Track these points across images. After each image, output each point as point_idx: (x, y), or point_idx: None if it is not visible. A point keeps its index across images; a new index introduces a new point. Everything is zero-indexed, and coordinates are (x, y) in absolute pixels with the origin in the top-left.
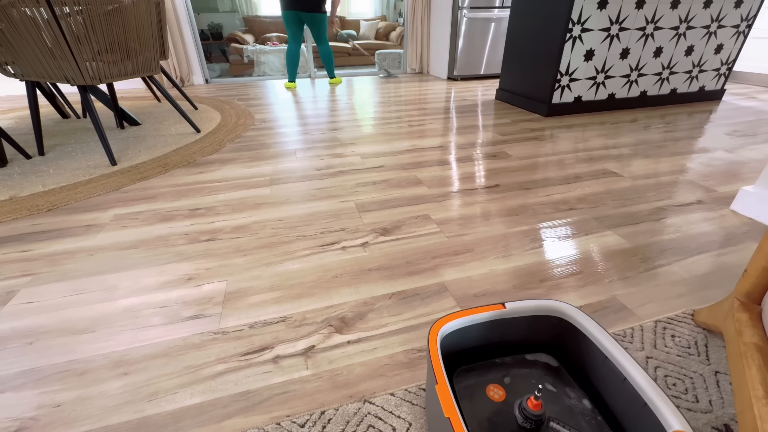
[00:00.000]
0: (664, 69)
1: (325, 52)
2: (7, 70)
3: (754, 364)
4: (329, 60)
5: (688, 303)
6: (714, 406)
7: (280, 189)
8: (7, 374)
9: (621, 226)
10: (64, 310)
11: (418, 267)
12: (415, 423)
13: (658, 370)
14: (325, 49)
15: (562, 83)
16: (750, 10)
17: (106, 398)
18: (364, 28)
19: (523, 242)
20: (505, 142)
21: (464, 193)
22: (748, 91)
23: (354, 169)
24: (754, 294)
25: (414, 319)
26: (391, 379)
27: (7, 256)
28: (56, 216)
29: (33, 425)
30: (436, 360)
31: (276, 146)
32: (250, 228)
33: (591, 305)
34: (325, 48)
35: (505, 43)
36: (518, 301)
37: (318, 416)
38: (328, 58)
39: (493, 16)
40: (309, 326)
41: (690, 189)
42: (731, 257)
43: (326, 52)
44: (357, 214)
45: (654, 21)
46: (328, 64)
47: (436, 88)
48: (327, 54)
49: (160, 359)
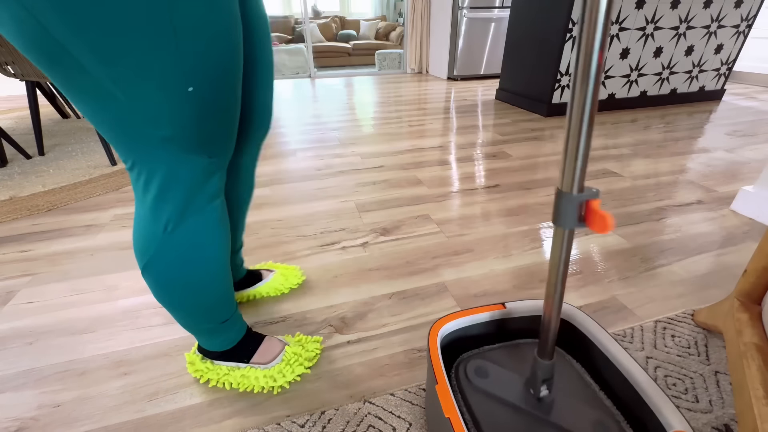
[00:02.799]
0: (664, 69)
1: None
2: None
3: (754, 364)
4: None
5: (688, 303)
6: (714, 406)
7: (280, 189)
8: (7, 374)
9: (621, 226)
10: (64, 310)
11: (418, 267)
12: (415, 423)
13: (658, 370)
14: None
15: (562, 83)
16: (750, 10)
17: (106, 398)
18: (364, 28)
19: (523, 242)
20: (505, 142)
21: (464, 193)
22: (748, 91)
23: (354, 169)
24: (754, 294)
25: (414, 319)
26: (391, 379)
27: (7, 256)
28: (56, 216)
29: (33, 425)
30: (436, 360)
31: (276, 146)
32: (250, 228)
33: (591, 305)
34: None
35: (505, 43)
36: (518, 301)
37: (318, 416)
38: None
39: (493, 16)
40: (309, 326)
41: (690, 189)
42: (731, 257)
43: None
44: (357, 214)
45: (654, 21)
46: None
47: (436, 88)
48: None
49: (160, 359)
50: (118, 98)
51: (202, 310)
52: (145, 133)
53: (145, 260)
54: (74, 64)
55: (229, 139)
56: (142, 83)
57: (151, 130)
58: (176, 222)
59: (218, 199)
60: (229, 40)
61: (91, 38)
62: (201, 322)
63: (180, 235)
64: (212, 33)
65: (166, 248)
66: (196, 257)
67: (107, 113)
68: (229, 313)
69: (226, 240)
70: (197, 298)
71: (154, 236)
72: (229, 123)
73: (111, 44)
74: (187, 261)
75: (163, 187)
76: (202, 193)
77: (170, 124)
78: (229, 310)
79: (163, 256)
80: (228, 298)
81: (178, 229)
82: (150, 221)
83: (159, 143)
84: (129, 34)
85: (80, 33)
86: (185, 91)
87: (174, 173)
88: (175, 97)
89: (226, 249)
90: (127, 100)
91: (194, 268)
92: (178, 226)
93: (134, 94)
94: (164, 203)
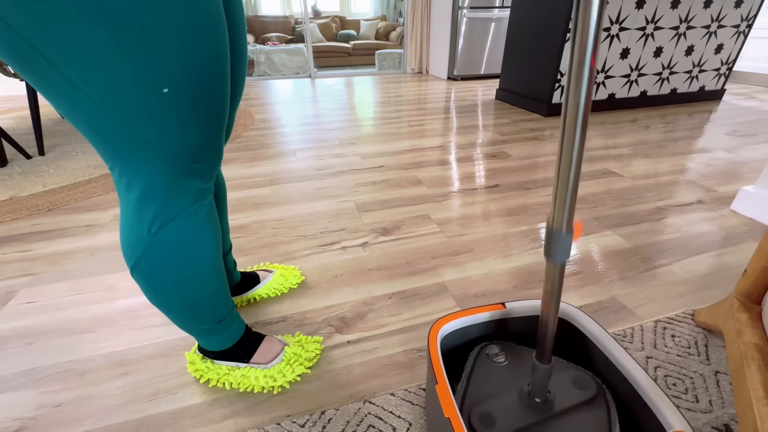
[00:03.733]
0: (664, 69)
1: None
2: (7, 70)
3: (754, 364)
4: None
5: (688, 303)
6: (714, 406)
7: (280, 189)
8: (7, 374)
9: (621, 226)
10: (64, 310)
11: (418, 267)
12: (415, 423)
13: (658, 370)
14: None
15: (562, 83)
16: (750, 10)
17: (106, 398)
18: (364, 28)
19: (523, 242)
20: (505, 142)
21: (464, 193)
22: (748, 91)
23: (354, 169)
24: (754, 294)
25: (414, 319)
26: (391, 379)
27: (7, 256)
28: (56, 216)
29: (33, 425)
30: (436, 360)
31: (276, 146)
32: (250, 228)
33: (591, 305)
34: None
35: (505, 43)
36: (518, 301)
37: (318, 416)
38: None
39: (493, 16)
40: (309, 326)
41: (690, 189)
42: (731, 257)
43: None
44: (357, 214)
45: (654, 21)
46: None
47: (436, 88)
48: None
49: (160, 359)
50: (94, 99)
51: (195, 310)
52: (123, 135)
53: (133, 261)
54: (45, 63)
55: (214, 145)
56: (114, 84)
57: (130, 132)
58: (161, 223)
59: (205, 199)
60: (209, 42)
61: (54, 38)
62: (195, 322)
63: (166, 236)
64: (189, 34)
65: (153, 249)
66: (184, 257)
67: (84, 114)
68: (225, 313)
69: (215, 240)
70: (188, 298)
71: (140, 237)
72: (214, 128)
73: (76, 45)
74: (175, 261)
75: (146, 189)
76: (186, 195)
77: (148, 127)
78: (224, 310)
79: (150, 257)
80: (221, 299)
81: (163, 230)
82: (134, 222)
83: (139, 145)
84: (93, 34)
85: (44, 33)
86: (160, 92)
87: (156, 176)
88: (150, 99)
89: (215, 249)
90: (102, 100)
91: (183, 269)
92: (164, 227)
93: (108, 95)
94: (147, 204)
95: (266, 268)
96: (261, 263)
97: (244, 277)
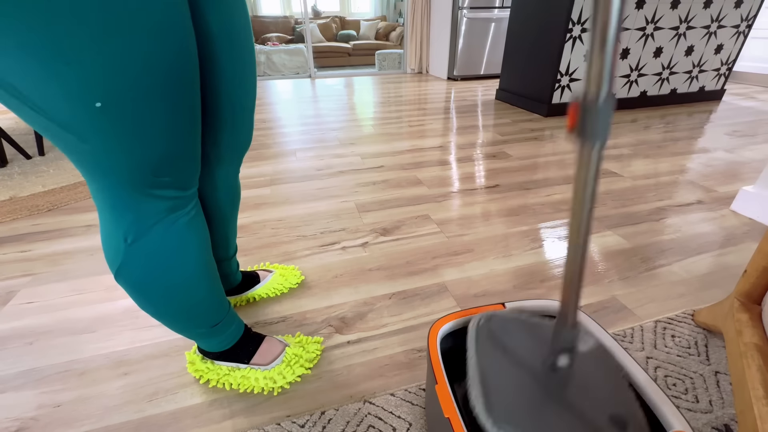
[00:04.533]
0: (664, 69)
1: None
2: None
3: (754, 364)
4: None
5: (688, 303)
6: (714, 406)
7: (280, 189)
8: (7, 374)
9: (621, 226)
10: (64, 310)
11: (418, 267)
12: (415, 423)
13: (658, 370)
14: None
15: (562, 83)
16: (750, 10)
17: (107, 398)
18: (364, 28)
19: (523, 242)
20: (505, 142)
21: (464, 193)
22: (748, 91)
23: (354, 169)
24: (754, 294)
25: (414, 319)
26: (391, 379)
27: (7, 256)
28: (56, 216)
29: (33, 425)
30: (435, 360)
31: (276, 146)
32: (250, 228)
33: (591, 305)
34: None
35: (505, 43)
36: (518, 301)
37: (318, 416)
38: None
39: (493, 16)
40: (309, 326)
41: (690, 189)
42: (731, 257)
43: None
44: (357, 214)
45: (654, 21)
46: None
47: (436, 88)
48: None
49: (160, 359)
50: (34, 101)
51: (187, 316)
52: (78, 147)
53: (115, 268)
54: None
55: (184, 158)
56: (44, 90)
57: (81, 146)
58: (136, 234)
59: (184, 208)
60: (145, 54)
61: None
62: (189, 327)
63: (144, 246)
64: (123, 45)
65: (132, 258)
66: (168, 266)
67: (31, 119)
68: (220, 316)
69: (199, 248)
70: (177, 305)
71: (118, 246)
72: (179, 141)
73: (5, 66)
74: (159, 270)
75: (114, 201)
76: (157, 206)
77: (93, 141)
78: (219, 313)
79: (131, 265)
80: (214, 302)
81: (140, 241)
82: (111, 231)
83: (94, 159)
84: (13, 56)
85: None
86: (92, 105)
87: (118, 189)
88: (81, 111)
89: (200, 256)
90: (41, 102)
91: (168, 277)
92: (140, 237)
93: (42, 101)
94: (119, 215)
95: (266, 268)
96: (261, 263)
97: (244, 277)
